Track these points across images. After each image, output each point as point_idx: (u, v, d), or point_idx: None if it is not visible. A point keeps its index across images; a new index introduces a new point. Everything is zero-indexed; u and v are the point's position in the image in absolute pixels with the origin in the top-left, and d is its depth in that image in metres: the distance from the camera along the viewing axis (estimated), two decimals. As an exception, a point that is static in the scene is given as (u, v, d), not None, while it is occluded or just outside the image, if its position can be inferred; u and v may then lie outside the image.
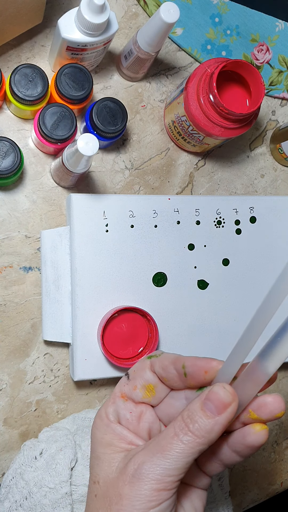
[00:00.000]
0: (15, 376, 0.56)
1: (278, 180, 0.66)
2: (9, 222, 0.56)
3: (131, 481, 0.31)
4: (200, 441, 0.30)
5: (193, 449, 0.30)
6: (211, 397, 0.31)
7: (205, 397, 0.31)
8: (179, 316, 0.57)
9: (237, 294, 0.59)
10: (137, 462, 0.31)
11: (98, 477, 0.33)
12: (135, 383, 0.36)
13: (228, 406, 0.30)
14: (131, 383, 0.36)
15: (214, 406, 0.30)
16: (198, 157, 0.63)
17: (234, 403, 0.31)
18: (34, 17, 0.53)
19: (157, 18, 0.48)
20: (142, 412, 0.36)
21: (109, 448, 0.34)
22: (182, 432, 0.31)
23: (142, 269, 0.56)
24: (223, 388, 0.31)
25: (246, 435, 0.32)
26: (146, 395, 0.36)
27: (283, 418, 0.66)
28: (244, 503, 0.65)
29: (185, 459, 0.30)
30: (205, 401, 0.31)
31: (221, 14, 0.62)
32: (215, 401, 0.31)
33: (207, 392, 0.31)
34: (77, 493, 0.50)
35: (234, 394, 0.31)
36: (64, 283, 0.55)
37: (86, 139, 0.46)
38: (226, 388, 0.31)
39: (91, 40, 0.50)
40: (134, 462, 0.31)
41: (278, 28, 0.64)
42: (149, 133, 0.61)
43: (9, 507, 0.50)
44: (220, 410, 0.30)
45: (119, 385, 0.37)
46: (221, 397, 0.30)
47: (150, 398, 0.36)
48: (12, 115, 0.57)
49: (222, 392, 0.30)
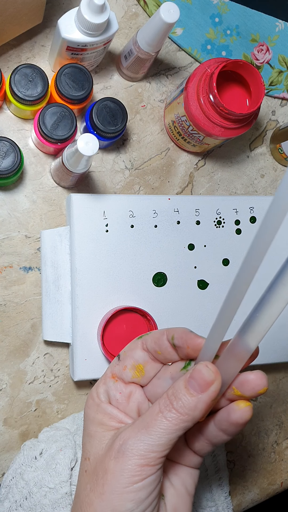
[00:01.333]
0: (15, 376, 0.56)
1: (278, 180, 0.66)
2: (9, 222, 0.56)
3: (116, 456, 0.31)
4: (184, 418, 0.31)
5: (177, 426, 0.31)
6: (195, 376, 0.31)
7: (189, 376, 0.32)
8: (179, 316, 0.57)
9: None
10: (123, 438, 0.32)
11: (89, 453, 0.34)
12: (125, 363, 0.37)
13: (211, 384, 0.31)
14: (121, 363, 0.37)
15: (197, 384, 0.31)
16: (198, 157, 0.63)
17: (216, 381, 0.31)
18: (34, 17, 0.53)
19: (157, 18, 0.48)
20: (132, 392, 0.36)
21: (100, 426, 0.35)
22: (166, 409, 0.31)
23: (142, 269, 0.56)
24: (205, 367, 0.31)
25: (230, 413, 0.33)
26: (136, 375, 0.36)
27: (283, 418, 0.66)
28: (244, 503, 0.65)
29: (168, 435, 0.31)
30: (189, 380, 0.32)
31: (221, 14, 0.62)
32: (198, 379, 0.31)
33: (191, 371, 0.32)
34: (77, 493, 0.50)
35: (216, 372, 0.31)
36: (64, 283, 0.55)
37: (86, 139, 0.46)
38: (208, 366, 0.31)
39: (91, 40, 0.50)
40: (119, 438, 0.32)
41: (278, 28, 0.64)
42: (149, 133, 0.61)
43: (9, 507, 0.50)
44: (203, 388, 0.31)
45: (110, 366, 0.37)
46: (204, 376, 0.31)
47: (140, 378, 0.37)
48: (12, 115, 0.57)
49: (205, 371, 0.31)
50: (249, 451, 0.65)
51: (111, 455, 0.32)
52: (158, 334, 0.35)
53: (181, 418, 0.31)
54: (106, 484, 0.31)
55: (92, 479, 0.33)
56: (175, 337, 0.34)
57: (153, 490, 0.32)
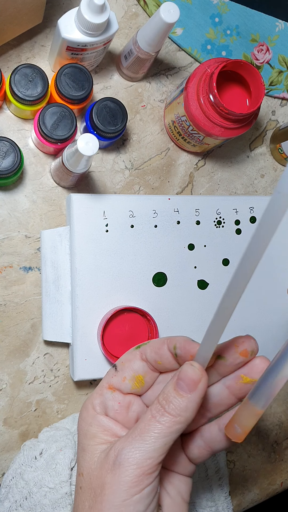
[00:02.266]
0: (15, 376, 0.56)
1: (278, 180, 0.66)
2: (9, 222, 0.56)
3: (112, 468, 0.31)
4: (177, 419, 0.31)
5: (171, 429, 0.31)
6: (182, 376, 0.32)
7: (177, 378, 0.32)
8: (179, 316, 0.57)
9: (237, 294, 0.59)
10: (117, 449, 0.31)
11: (82, 468, 0.34)
12: (124, 374, 0.36)
13: (198, 383, 0.32)
14: (120, 374, 0.36)
15: (185, 384, 0.32)
16: (198, 157, 0.63)
17: (203, 379, 0.32)
18: (34, 17, 0.53)
19: (157, 18, 0.48)
20: (130, 402, 0.36)
21: (93, 440, 0.34)
22: (158, 413, 0.31)
23: (142, 269, 0.56)
24: (191, 366, 0.32)
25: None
26: (135, 386, 0.36)
27: (283, 418, 0.66)
28: (244, 503, 0.65)
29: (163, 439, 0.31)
30: (177, 381, 0.32)
31: (221, 14, 0.62)
32: (185, 379, 0.32)
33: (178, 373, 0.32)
34: (77, 493, 0.50)
35: (202, 370, 0.32)
36: (64, 283, 0.55)
37: (86, 139, 0.46)
38: (194, 365, 0.32)
39: (91, 40, 0.50)
40: (114, 450, 0.32)
41: (278, 28, 0.64)
42: (149, 133, 0.61)
43: (9, 507, 0.50)
44: (191, 387, 0.31)
45: (106, 377, 0.37)
46: (190, 375, 0.32)
47: (139, 389, 0.36)
48: (12, 115, 0.57)
49: (190, 370, 0.32)
50: (249, 451, 0.65)
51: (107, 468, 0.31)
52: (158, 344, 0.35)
53: (174, 420, 0.31)
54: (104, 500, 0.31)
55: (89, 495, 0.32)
56: (178, 346, 0.34)
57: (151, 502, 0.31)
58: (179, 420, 0.31)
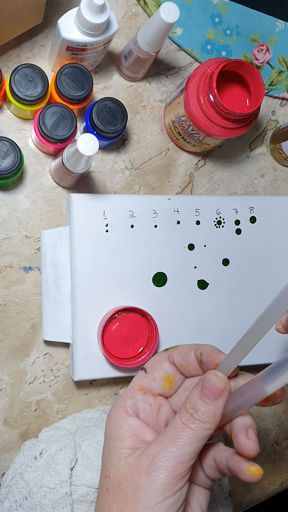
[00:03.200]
0: (15, 376, 0.56)
1: (278, 180, 0.66)
2: (9, 222, 0.56)
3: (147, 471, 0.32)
4: (207, 426, 0.33)
5: (202, 434, 0.33)
6: (207, 385, 0.33)
7: (201, 387, 0.34)
8: (179, 316, 0.57)
9: (237, 294, 0.59)
10: (151, 453, 0.33)
11: (109, 471, 0.35)
12: (154, 375, 0.38)
13: (223, 391, 0.33)
14: (150, 375, 0.38)
15: (211, 392, 0.33)
16: (198, 157, 0.63)
17: (228, 386, 0.34)
18: (34, 17, 0.53)
19: (157, 18, 0.48)
20: (161, 405, 0.38)
21: (121, 443, 0.35)
22: (189, 421, 0.33)
23: (142, 269, 0.56)
24: (215, 375, 0.34)
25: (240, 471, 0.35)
26: (166, 386, 0.38)
27: (283, 418, 0.66)
28: (244, 503, 0.65)
29: (196, 443, 0.33)
30: (203, 390, 0.34)
31: (221, 14, 0.62)
32: (211, 388, 0.33)
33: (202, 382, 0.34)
34: (77, 493, 0.50)
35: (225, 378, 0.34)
36: (64, 283, 0.55)
37: (86, 139, 0.46)
38: (217, 374, 0.34)
39: (91, 40, 0.50)
40: (147, 454, 0.33)
41: (278, 28, 0.64)
42: (149, 133, 0.61)
43: (9, 507, 0.50)
44: (216, 395, 0.33)
45: (137, 379, 0.38)
46: (215, 384, 0.33)
47: (169, 389, 0.38)
48: (12, 115, 0.57)
49: (214, 379, 0.33)
50: (249, 451, 0.65)
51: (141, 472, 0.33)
52: (186, 349, 0.37)
53: (205, 426, 0.33)
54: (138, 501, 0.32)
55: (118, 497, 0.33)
56: (204, 353, 0.36)
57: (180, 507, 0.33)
58: (209, 427, 0.33)
